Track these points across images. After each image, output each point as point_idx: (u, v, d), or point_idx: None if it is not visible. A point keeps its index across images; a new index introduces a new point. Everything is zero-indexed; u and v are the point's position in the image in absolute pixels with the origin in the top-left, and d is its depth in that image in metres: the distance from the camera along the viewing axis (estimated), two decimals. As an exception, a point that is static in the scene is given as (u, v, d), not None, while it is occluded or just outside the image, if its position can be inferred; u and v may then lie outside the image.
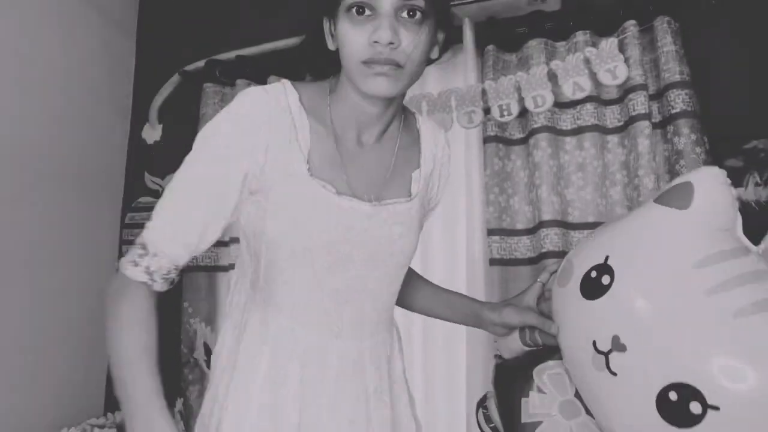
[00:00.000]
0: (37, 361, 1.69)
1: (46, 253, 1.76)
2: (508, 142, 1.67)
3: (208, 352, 1.71)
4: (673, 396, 0.68)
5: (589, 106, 1.60)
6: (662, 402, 0.69)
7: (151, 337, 0.80)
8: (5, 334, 1.60)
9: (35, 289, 1.71)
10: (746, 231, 1.46)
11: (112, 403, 1.90)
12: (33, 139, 1.74)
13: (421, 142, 0.93)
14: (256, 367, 0.82)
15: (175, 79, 2.10)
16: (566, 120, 1.63)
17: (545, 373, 0.90)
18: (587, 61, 1.53)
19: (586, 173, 1.59)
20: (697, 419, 0.67)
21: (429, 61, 0.82)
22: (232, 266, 1.78)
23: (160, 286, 0.80)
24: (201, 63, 2.01)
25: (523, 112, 1.62)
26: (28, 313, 1.67)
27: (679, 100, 1.47)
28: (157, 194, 2.09)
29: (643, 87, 1.50)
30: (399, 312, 1.69)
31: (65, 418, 1.75)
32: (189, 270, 1.83)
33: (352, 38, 0.74)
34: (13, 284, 1.63)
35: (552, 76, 1.55)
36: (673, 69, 1.49)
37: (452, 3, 1.71)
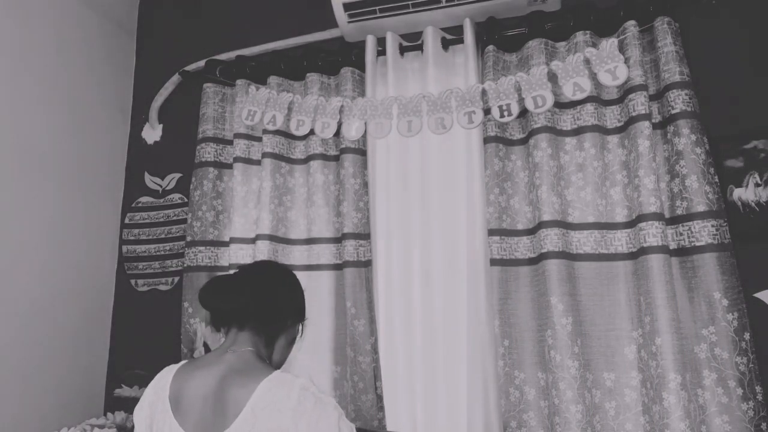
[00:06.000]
0: (37, 361, 1.69)
1: (45, 252, 1.76)
2: (509, 143, 1.67)
3: (208, 352, 1.71)
4: None
5: (589, 107, 1.60)
6: None
7: None
8: (5, 334, 1.60)
9: (35, 289, 1.71)
10: (746, 231, 1.47)
11: (112, 403, 1.90)
12: (33, 139, 1.75)
13: None
14: None
15: (175, 79, 2.10)
16: (566, 120, 1.63)
17: None
18: (587, 61, 1.53)
19: (586, 173, 1.59)
20: None
21: None
22: (232, 266, 1.78)
23: None
24: (201, 63, 2.01)
25: (524, 113, 1.62)
26: (29, 313, 1.67)
27: (679, 100, 1.48)
28: (157, 194, 2.09)
29: (643, 87, 1.51)
30: (398, 312, 1.69)
31: (65, 418, 1.75)
32: (189, 270, 1.83)
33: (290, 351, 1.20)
34: (14, 284, 1.63)
35: (552, 77, 1.56)
36: (673, 69, 1.50)
37: (453, 3, 1.72)
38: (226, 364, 1.04)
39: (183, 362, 1.11)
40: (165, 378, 1.08)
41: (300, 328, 1.22)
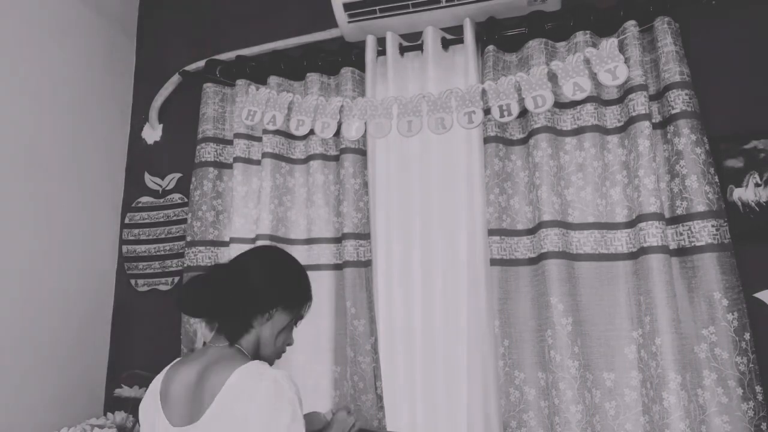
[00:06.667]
0: (37, 361, 1.69)
1: (46, 253, 1.76)
2: (509, 143, 1.67)
3: (208, 352, 1.71)
4: None
5: (589, 107, 1.60)
6: None
7: None
8: (5, 334, 1.59)
9: (35, 289, 1.71)
10: (746, 231, 1.47)
11: (112, 403, 1.90)
12: (33, 139, 1.74)
13: None
14: None
15: (175, 79, 2.10)
16: (566, 120, 1.63)
17: None
18: (587, 61, 1.53)
19: (586, 173, 1.59)
20: None
21: None
22: (232, 266, 1.78)
23: None
24: (201, 63, 2.01)
25: (524, 113, 1.62)
26: (29, 313, 1.67)
27: (679, 100, 1.48)
28: (157, 194, 2.09)
29: (643, 87, 1.51)
30: (398, 312, 1.69)
31: (65, 418, 1.75)
32: (189, 270, 1.83)
33: (284, 341, 1.19)
34: (13, 284, 1.63)
35: (552, 77, 1.56)
36: (673, 69, 1.50)
37: (453, 3, 1.72)
38: (207, 357, 1.09)
39: (175, 360, 1.16)
40: (159, 377, 1.14)
41: (297, 313, 1.20)
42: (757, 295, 1.43)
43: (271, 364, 1.15)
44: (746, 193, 1.48)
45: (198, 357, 1.11)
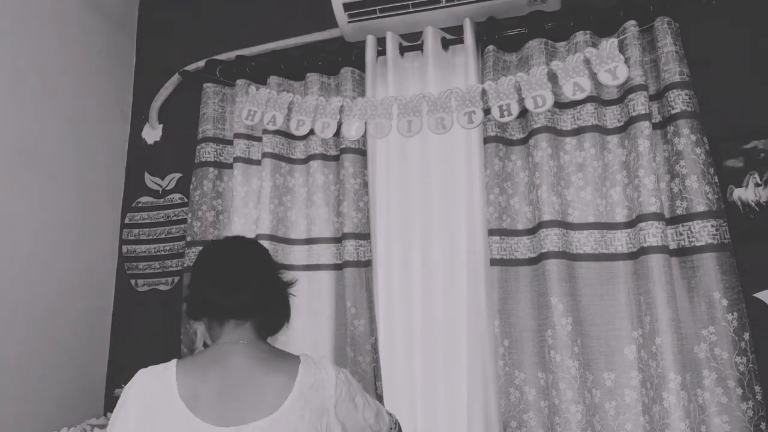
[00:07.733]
0: (37, 361, 1.69)
1: (46, 252, 1.76)
2: (509, 143, 1.67)
3: (208, 352, 1.70)
4: None
5: (589, 107, 1.60)
6: None
7: None
8: (6, 334, 1.59)
9: (35, 289, 1.71)
10: (746, 231, 1.47)
11: (112, 403, 1.90)
12: (33, 139, 1.74)
13: None
14: None
15: (175, 79, 2.10)
16: (566, 120, 1.63)
17: None
18: (587, 61, 1.53)
19: (586, 173, 1.59)
20: None
21: None
22: (232, 266, 1.78)
23: None
24: (201, 63, 2.01)
25: (524, 113, 1.62)
26: (29, 313, 1.67)
27: (679, 101, 1.48)
28: (157, 194, 2.09)
29: (643, 87, 1.51)
30: (398, 312, 1.69)
31: (65, 418, 1.75)
32: (189, 270, 1.83)
33: None
34: (13, 284, 1.63)
35: (552, 77, 1.56)
36: (673, 69, 1.50)
37: (453, 3, 1.72)
38: (244, 355, 1.06)
39: (175, 362, 1.06)
40: (162, 380, 1.03)
41: None
42: (757, 295, 1.44)
43: None
44: (746, 193, 1.48)
45: (227, 356, 1.05)
